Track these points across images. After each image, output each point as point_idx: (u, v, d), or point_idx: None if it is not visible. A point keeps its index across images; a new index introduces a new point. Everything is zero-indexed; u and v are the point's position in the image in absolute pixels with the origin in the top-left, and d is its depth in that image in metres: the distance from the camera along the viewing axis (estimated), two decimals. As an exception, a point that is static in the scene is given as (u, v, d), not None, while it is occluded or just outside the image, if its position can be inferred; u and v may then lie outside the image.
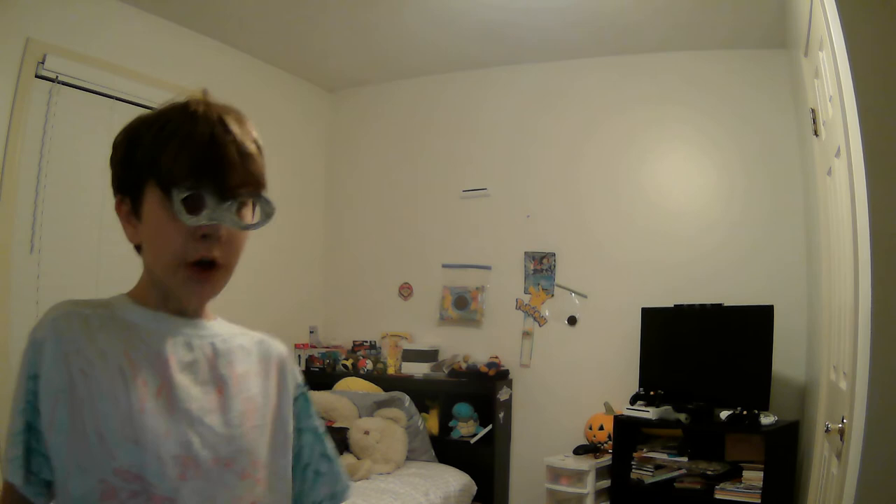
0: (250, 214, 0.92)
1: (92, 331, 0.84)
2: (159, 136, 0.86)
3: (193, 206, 0.85)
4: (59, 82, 3.03)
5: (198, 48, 3.76)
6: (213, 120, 0.87)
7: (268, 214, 0.94)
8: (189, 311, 0.93)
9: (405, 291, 4.46)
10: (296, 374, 1.03)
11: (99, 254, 3.18)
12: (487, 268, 4.22)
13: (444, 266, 4.33)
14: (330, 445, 1.05)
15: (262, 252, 4.14)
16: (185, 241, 0.85)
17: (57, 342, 0.82)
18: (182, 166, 0.84)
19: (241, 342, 0.98)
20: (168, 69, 3.50)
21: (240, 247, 0.91)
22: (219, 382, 0.91)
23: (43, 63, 2.97)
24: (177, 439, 0.83)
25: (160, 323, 0.90)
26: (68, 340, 0.82)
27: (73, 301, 0.88)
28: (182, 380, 0.87)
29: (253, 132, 0.93)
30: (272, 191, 0.95)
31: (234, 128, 0.89)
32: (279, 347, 1.03)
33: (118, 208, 0.92)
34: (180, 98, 0.90)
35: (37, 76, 2.95)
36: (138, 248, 0.92)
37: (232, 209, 0.87)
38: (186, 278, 0.86)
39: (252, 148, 0.90)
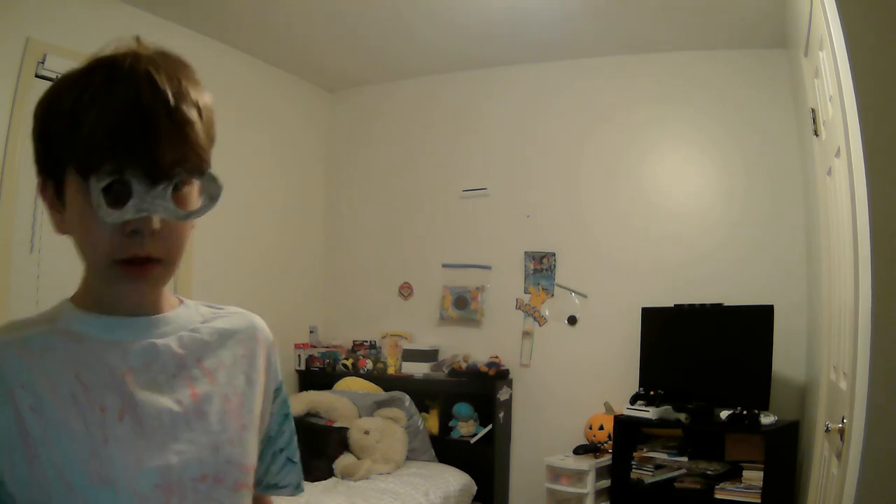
0: (194, 195, 0.75)
1: (33, 356, 0.71)
2: (75, 106, 0.69)
3: (117, 196, 0.69)
4: (59, 82, 3.02)
5: (198, 48, 3.76)
6: (139, 77, 0.69)
7: (212, 197, 0.76)
8: (144, 307, 0.78)
9: (405, 291, 4.46)
10: (277, 362, 0.92)
11: (99, 254, 3.18)
12: (487, 268, 4.22)
13: (444, 266, 4.33)
14: (296, 446, 0.96)
15: (261, 252, 4.15)
16: (112, 238, 0.70)
17: None
18: (99, 147, 0.67)
19: (214, 326, 0.84)
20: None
21: (182, 238, 0.75)
22: (190, 384, 0.77)
23: (43, 63, 2.97)
24: (153, 466, 0.70)
25: (111, 330, 0.75)
26: (9, 375, 0.69)
27: (7, 325, 0.74)
28: (146, 393, 0.73)
29: (195, 89, 0.74)
30: (272, 190, 0.84)
31: (167, 86, 0.70)
32: (259, 326, 0.90)
33: (41, 192, 0.76)
34: (109, 47, 0.73)
35: (37, 76, 2.95)
36: None
37: (166, 194, 0.70)
38: (117, 277, 0.72)
39: (190, 112, 0.71)
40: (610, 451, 3.46)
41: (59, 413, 0.69)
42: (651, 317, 3.59)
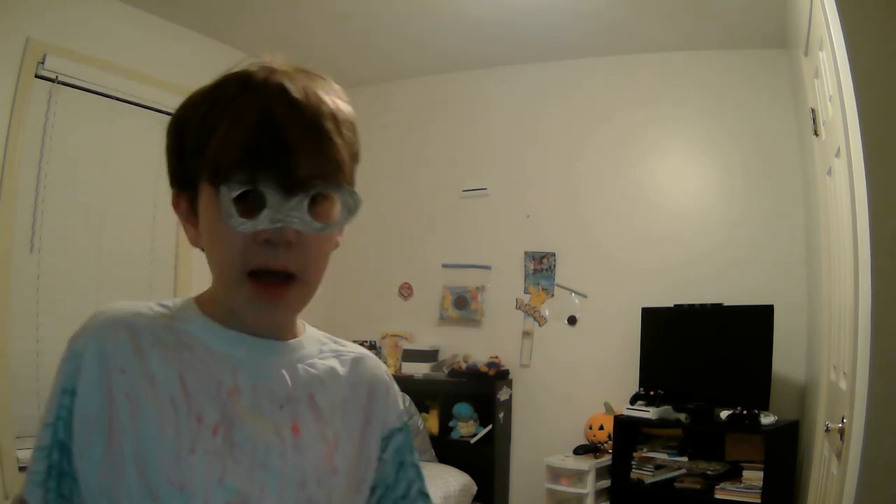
0: (335, 211, 0.74)
1: (142, 347, 0.69)
2: (208, 117, 0.69)
3: (252, 206, 0.67)
4: (58, 82, 3.03)
5: (198, 48, 3.76)
6: (273, 91, 0.68)
7: (351, 210, 0.76)
8: (272, 332, 0.76)
9: (405, 291, 4.46)
10: (396, 402, 0.89)
11: (99, 254, 3.17)
12: (487, 268, 4.22)
13: (444, 266, 4.33)
14: (426, 485, 0.90)
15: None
16: (244, 248, 0.68)
17: (99, 357, 0.68)
18: (231, 155, 0.66)
19: (330, 364, 0.82)
20: (168, 69, 3.49)
21: (321, 253, 0.74)
22: (295, 418, 0.74)
23: (43, 63, 2.97)
24: (233, 486, 0.68)
25: (230, 343, 0.73)
26: (113, 356, 0.68)
27: (124, 305, 0.72)
28: (248, 415, 0.71)
29: (333, 100, 0.73)
30: None
31: (302, 97, 0.69)
32: (375, 368, 0.87)
33: (175, 206, 0.76)
34: (246, 63, 0.74)
35: (37, 76, 2.95)
36: None
37: (302, 206, 0.68)
38: (251, 296, 0.69)
39: (328, 125, 0.71)
40: (610, 451, 3.46)
41: (152, 411, 0.67)
42: (651, 317, 3.59)
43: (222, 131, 0.67)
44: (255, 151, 0.66)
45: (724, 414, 3.12)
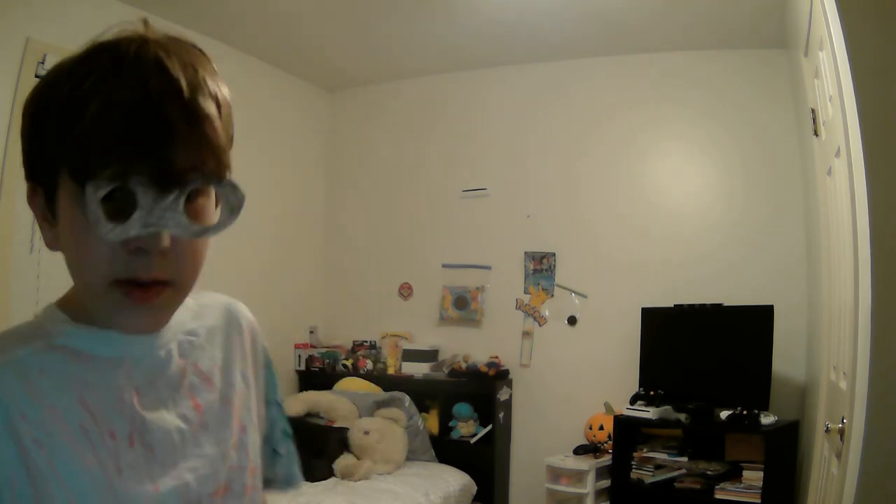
0: (210, 207, 0.64)
1: (32, 380, 0.61)
2: (72, 97, 0.58)
3: (119, 206, 0.57)
4: (59, 82, 3.02)
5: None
6: (148, 65, 0.59)
7: (233, 209, 0.64)
8: None
9: (405, 291, 4.46)
10: (263, 341, 0.85)
11: (99, 254, 3.18)
12: (487, 268, 4.22)
13: (444, 266, 4.33)
14: (288, 424, 0.88)
15: (262, 252, 4.15)
16: (112, 257, 0.59)
17: None
18: (98, 145, 0.56)
19: (206, 324, 0.76)
20: (168, 69, 3.49)
21: (197, 257, 0.64)
22: (192, 395, 0.70)
23: (43, 63, 2.97)
24: (171, 489, 0.64)
25: (114, 345, 0.65)
26: (9, 404, 0.59)
27: None
28: (153, 413, 0.66)
29: (212, 80, 0.63)
30: (272, 190, 0.74)
31: (181, 75, 0.59)
32: (244, 312, 0.83)
33: (30, 201, 0.66)
34: (112, 31, 0.64)
35: (37, 76, 2.95)
36: None
37: (178, 205, 0.59)
38: (119, 303, 0.61)
39: (208, 106, 0.60)
40: (610, 451, 3.46)
41: (68, 446, 0.60)
42: (651, 317, 3.59)
43: (89, 115, 0.56)
44: (126, 141, 0.56)
45: (724, 414, 3.12)
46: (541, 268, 4.08)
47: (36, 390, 0.61)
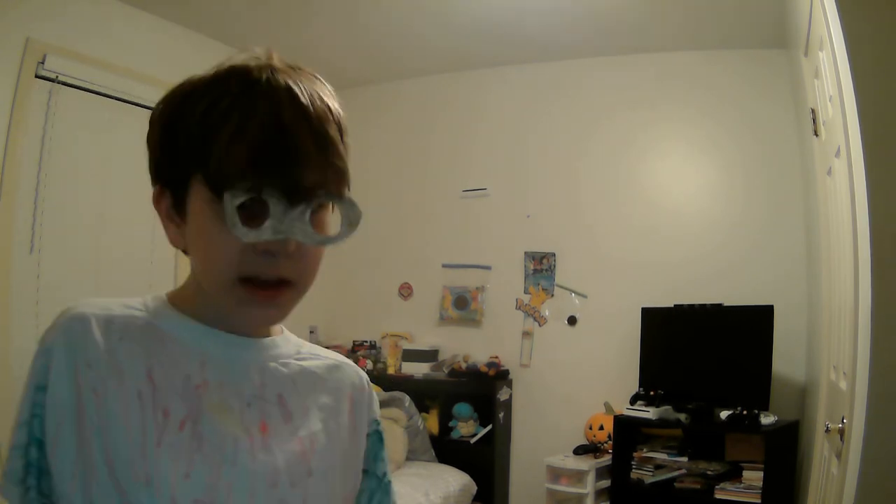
0: (329, 219, 0.72)
1: (111, 341, 0.68)
2: (209, 115, 0.66)
3: (253, 214, 0.65)
4: (59, 82, 3.03)
5: (198, 48, 3.76)
6: (281, 94, 0.66)
7: (352, 223, 0.73)
8: (246, 329, 0.75)
9: (405, 291, 4.46)
10: (373, 408, 0.85)
11: (99, 254, 3.18)
12: (487, 268, 4.22)
13: (444, 266, 4.33)
14: (394, 500, 0.86)
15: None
16: (242, 256, 0.66)
17: (67, 351, 0.67)
18: (237, 162, 0.64)
19: (308, 366, 0.79)
20: (168, 69, 3.48)
21: (315, 262, 0.72)
22: (264, 417, 0.72)
23: (43, 63, 2.97)
24: (200, 480, 0.66)
25: (200, 337, 0.72)
26: (80, 351, 0.67)
27: (94, 301, 0.71)
28: (215, 410, 0.69)
29: (334, 105, 0.70)
30: None
31: (309, 102, 0.67)
32: (357, 375, 0.85)
33: (156, 202, 0.73)
34: (240, 57, 0.69)
35: (37, 76, 2.95)
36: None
37: (304, 217, 0.67)
38: (245, 299, 0.68)
39: (332, 131, 0.68)
40: (610, 451, 3.46)
41: (118, 405, 0.66)
42: (651, 317, 3.59)
43: (227, 133, 0.64)
44: (262, 158, 0.64)
45: (724, 414, 3.12)
46: (541, 268, 4.08)
47: (110, 349, 0.68)
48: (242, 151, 0.63)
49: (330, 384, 0.80)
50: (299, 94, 0.66)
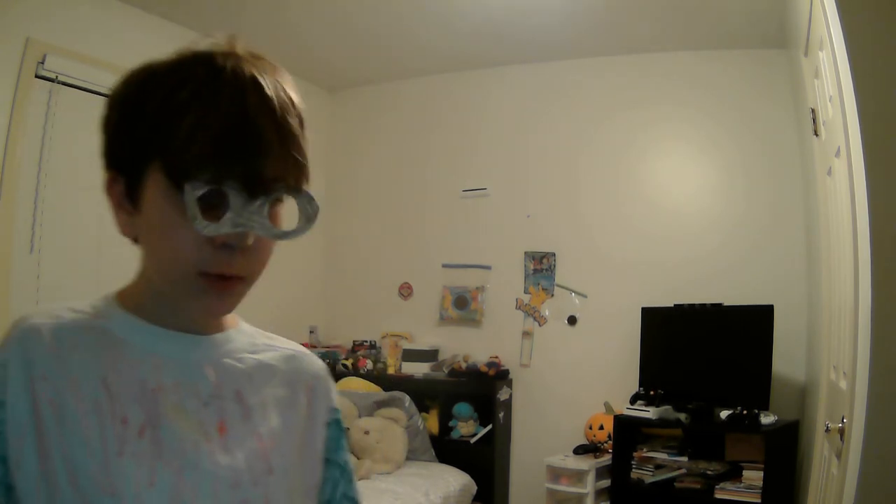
0: (283, 211, 0.71)
1: (63, 350, 0.67)
2: (171, 101, 0.64)
3: (211, 205, 0.64)
4: (59, 82, 3.03)
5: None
6: (246, 84, 0.64)
7: (310, 218, 0.72)
8: (204, 325, 0.74)
9: (405, 291, 4.46)
10: (330, 397, 0.84)
11: (99, 254, 3.17)
12: (487, 268, 4.22)
13: (444, 266, 4.33)
14: (357, 488, 0.85)
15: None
16: (199, 250, 0.65)
17: (22, 365, 0.65)
18: (199, 151, 0.62)
19: (263, 359, 0.78)
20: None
21: (267, 256, 0.71)
22: (221, 417, 0.71)
23: (43, 63, 2.97)
24: (165, 487, 0.65)
25: (152, 339, 0.70)
26: (35, 363, 0.65)
27: (43, 310, 0.70)
28: (173, 414, 0.68)
29: (296, 98, 0.69)
30: None
31: (273, 94, 0.66)
32: (313, 365, 0.84)
33: (108, 188, 0.71)
34: (203, 43, 0.68)
35: (37, 76, 2.95)
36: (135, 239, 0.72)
37: (263, 210, 0.66)
38: (199, 290, 0.67)
39: (296, 125, 0.67)
40: (610, 451, 3.46)
41: (76, 416, 0.64)
42: (651, 317, 3.59)
43: (190, 121, 0.62)
44: (225, 148, 0.62)
45: (724, 414, 3.12)
46: (541, 268, 4.08)
47: (63, 359, 0.66)
48: (205, 140, 0.62)
49: (287, 376, 0.79)
50: (264, 84, 0.65)
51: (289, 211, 0.73)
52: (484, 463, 3.83)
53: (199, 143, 0.62)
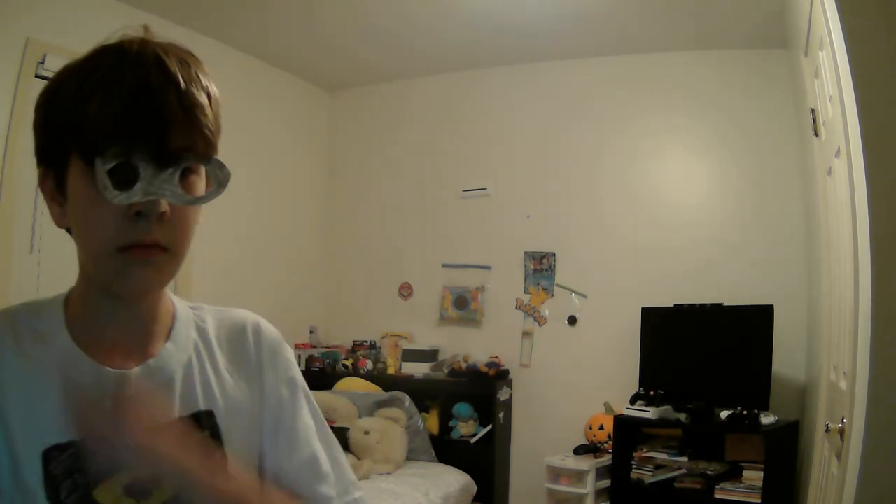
0: (201, 185, 0.74)
1: (24, 346, 0.72)
2: (80, 90, 0.68)
3: (123, 178, 0.66)
4: (59, 82, 3.02)
5: (198, 48, 3.70)
6: (149, 61, 0.68)
7: (221, 183, 0.74)
8: (141, 315, 0.77)
9: (405, 291, 4.46)
10: (283, 355, 0.91)
11: (99, 254, 3.17)
12: (487, 268, 4.22)
13: (444, 266, 4.33)
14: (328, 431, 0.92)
15: (261, 252, 4.15)
16: (117, 224, 0.68)
17: None
18: (106, 127, 0.66)
19: (209, 337, 0.82)
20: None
21: (188, 227, 0.73)
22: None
23: (43, 63, 2.97)
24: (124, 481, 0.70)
25: (95, 376, 0.72)
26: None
27: (3, 312, 0.76)
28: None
29: (204, 76, 0.73)
30: (272, 191, 0.79)
31: (177, 70, 0.69)
32: (264, 329, 0.89)
33: (41, 184, 0.74)
34: (115, 36, 0.72)
35: (37, 76, 2.95)
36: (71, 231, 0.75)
37: (174, 179, 0.68)
38: (122, 264, 0.69)
39: (201, 97, 0.70)
40: (610, 451, 3.46)
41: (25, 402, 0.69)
42: (651, 317, 3.59)
43: (97, 102, 0.66)
44: (129, 121, 0.66)
45: (724, 414, 3.12)
46: (541, 268, 4.08)
47: (21, 368, 0.70)
48: (110, 118, 0.65)
49: (231, 346, 0.83)
50: (167, 62, 0.68)
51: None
52: (484, 463, 3.83)
53: (105, 120, 0.66)
